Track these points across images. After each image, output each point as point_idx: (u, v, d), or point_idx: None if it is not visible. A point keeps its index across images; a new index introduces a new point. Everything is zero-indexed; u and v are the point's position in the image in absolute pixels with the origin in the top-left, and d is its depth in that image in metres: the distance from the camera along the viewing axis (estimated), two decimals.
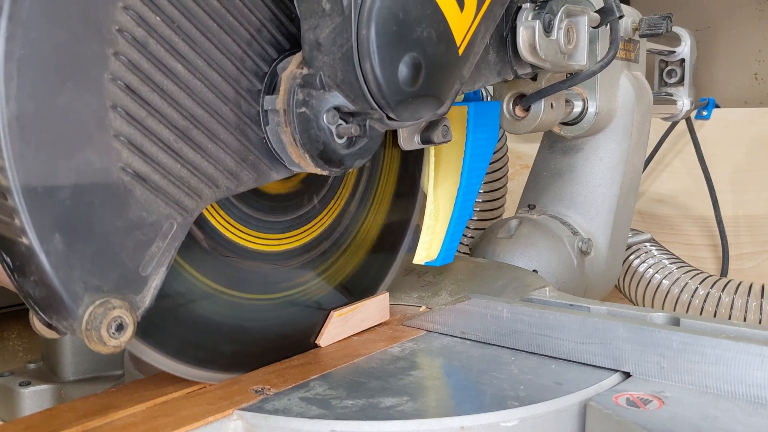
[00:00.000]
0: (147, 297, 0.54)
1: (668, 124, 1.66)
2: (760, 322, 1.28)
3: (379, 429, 0.55)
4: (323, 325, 0.76)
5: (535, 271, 1.04)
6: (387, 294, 0.83)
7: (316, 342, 0.75)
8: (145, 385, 0.65)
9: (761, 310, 1.28)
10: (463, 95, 0.92)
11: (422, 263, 0.89)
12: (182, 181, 0.56)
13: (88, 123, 0.50)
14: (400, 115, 0.62)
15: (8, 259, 0.49)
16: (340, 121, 0.62)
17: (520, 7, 0.79)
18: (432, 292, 0.90)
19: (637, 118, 1.14)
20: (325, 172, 0.64)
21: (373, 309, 0.81)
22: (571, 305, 0.79)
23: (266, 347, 0.71)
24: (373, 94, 0.59)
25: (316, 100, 0.61)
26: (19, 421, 0.59)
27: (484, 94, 1.03)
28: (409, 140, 0.73)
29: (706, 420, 0.55)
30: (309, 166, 0.64)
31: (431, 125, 0.72)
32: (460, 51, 0.65)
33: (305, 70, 0.61)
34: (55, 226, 0.48)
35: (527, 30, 0.79)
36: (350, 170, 0.68)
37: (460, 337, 0.77)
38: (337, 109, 0.61)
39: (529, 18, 0.79)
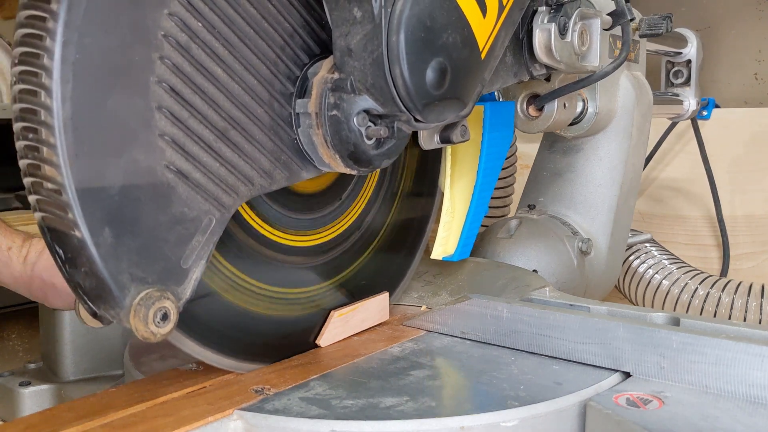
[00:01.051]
0: (188, 288, 0.57)
1: (668, 123, 1.66)
2: (760, 322, 1.28)
3: (379, 429, 0.55)
4: (323, 325, 0.76)
5: (535, 271, 1.04)
6: (387, 294, 0.83)
7: (316, 342, 0.75)
8: (145, 385, 0.65)
9: (761, 310, 1.28)
10: None
11: (440, 258, 0.92)
12: (221, 178, 0.59)
13: (135, 123, 0.53)
14: (427, 117, 0.64)
15: (60, 251, 0.52)
16: (370, 123, 0.64)
17: (535, 11, 0.82)
18: (432, 292, 0.90)
19: (637, 118, 1.14)
20: (354, 172, 0.67)
21: (373, 309, 0.81)
22: (571, 305, 0.79)
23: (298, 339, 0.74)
24: (402, 97, 0.62)
25: (347, 103, 0.63)
26: (19, 421, 0.59)
27: (496, 94, 1.06)
28: (428, 140, 0.75)
29: (706, 420, 0.55)
30: (339, 166, 0.66)
31: (450, 125, 0.74)
32: (483, 55, 0.68)
33: (336, 75, 0.64)
34: (105, 220, 0.51)
35: (543, 32, 0.81)
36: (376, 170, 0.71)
37: (460, 337, 0.77)
38: (366, 111, 0.64)
39: (545, 21, 0.82)
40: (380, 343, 0.75)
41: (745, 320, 1.29)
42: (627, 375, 0.65)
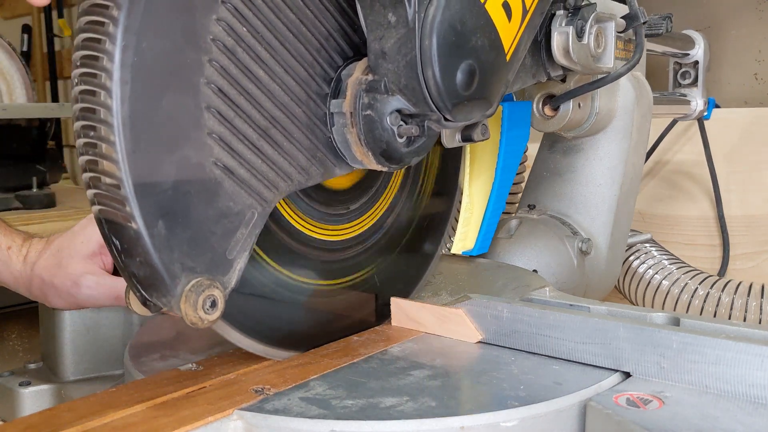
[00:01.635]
0: (233, 278, 0.60)
1: (667, 123, 1.66)
2: (760, 322, 1.28)
3: (379, 429, 0.55)
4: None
5: (535, 271, 1.04)
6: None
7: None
8: (145, 385, 0.65)
9: (761, 310, 1.28)
10: None
11: (459, 253, 0.99)
12: (263, 174, 0.62)
13: (187, 122, 0.56)
14: (456, 117, 0.67)
15: (117, 242, 0.55)
16: (401, 123, 0.67)
17: (553, 14, 0.86)
18: (432, 292, 0.90)
19: (637, 118, 1.14)
20: (384, 169, 0.70)
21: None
22: (571, 305, 0.79)
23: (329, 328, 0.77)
24: (433, 98, 0.65)
25: (381, 103, 0.66)
26: (19, 421, 0.59)
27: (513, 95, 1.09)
28: (450, 138, 0.77)
29: (706, 420, 0.55)
30: (371, 163, 0.69)
31: (471, 124, 0.76)
32: (508, 57, 0.71)
33: (371, 76, 0.67)
34: (159, 213, 0.54)
35: (561, 35, 0.85)
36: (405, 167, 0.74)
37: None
38: (398, 111, 0.67)
39: (563, 24, 0.85)
40: (380, 343, 0.74)
41: (745, 320, 1.29)
42: (627, 375, 0.65)
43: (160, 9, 0.54)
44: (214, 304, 0.57)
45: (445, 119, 0.67)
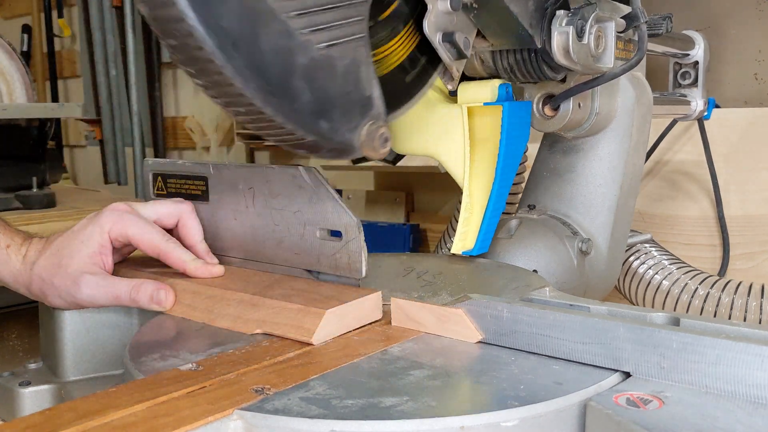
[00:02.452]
0: (380, 107, 0.70)
1: (667, 123, 1.66)
2: (760, 322, 1.28)
3: (379, 429, 0.55)
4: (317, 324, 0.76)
5: (535, 271, 1.04)
6: (380, 293, 0.83)
7: (311, 342, 0.75)
8: (145, 385, 0.64)
9: (761, 310, 1.28)
10: (496, 96, 0.99)
11: (459, 253, 0.99)
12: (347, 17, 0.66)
13: None
14: None
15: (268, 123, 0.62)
16: None
17: (554, 14, 0.87)
18: (432, 292, 0.90)
19: (637, 118, 1.14)
20: None
21: (367, 307, 0.81)
22: (571, 305, 0.79)
23: None
24: None
25: None
26: (19, 421, 0.59)
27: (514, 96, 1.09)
28: (433, 27, 0.77)
29: (706, 420, 0.55)
30: None
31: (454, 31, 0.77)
32: None
33: None
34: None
35: (561, 35, 0.86)
36: None
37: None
38: None
39: (563, 24, 0.86)
40: (380, 343, 0.74)
41: (745, 320, 1.29)
42: (627, 375, 0.65)
43: None
44: (385, 141, 0.68)
45: None
